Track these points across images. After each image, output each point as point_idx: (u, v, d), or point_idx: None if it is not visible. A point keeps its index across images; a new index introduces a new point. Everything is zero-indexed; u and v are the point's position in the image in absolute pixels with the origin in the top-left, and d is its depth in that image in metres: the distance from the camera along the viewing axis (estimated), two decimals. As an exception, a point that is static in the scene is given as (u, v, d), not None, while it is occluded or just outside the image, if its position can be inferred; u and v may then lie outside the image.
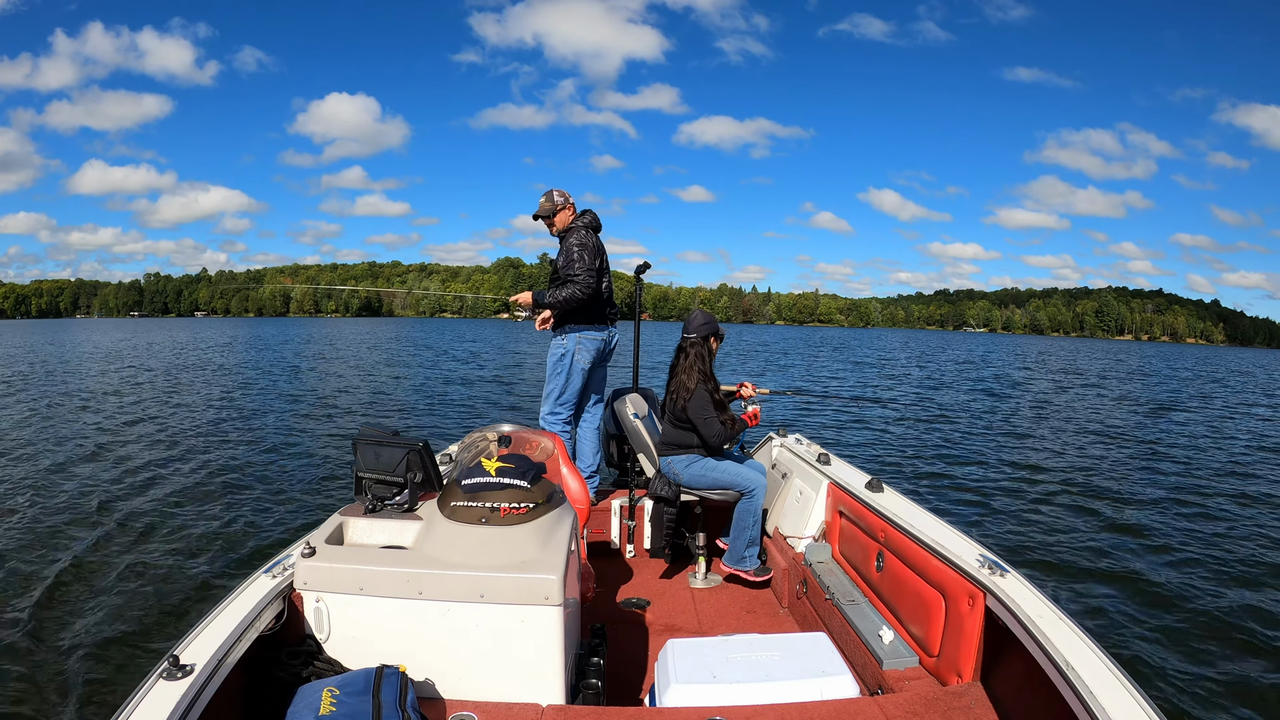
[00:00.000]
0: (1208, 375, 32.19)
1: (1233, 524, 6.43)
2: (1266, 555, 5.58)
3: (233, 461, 8.40)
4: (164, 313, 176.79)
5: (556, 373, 3.81)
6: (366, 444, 2.24)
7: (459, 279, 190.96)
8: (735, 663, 2.07)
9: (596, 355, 3.84)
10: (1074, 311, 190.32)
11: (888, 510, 2.73)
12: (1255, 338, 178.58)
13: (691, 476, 3.42)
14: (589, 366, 3.83)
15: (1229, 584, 4.93)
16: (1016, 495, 7.35)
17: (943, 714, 1.92)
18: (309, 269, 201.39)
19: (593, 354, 3.81)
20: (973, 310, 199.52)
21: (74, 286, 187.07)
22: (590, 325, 3.79)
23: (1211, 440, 11.32)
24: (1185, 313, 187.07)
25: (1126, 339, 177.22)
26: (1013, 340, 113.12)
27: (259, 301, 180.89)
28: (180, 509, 6.33)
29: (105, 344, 37.07)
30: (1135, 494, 7.52)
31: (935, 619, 2.26)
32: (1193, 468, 8.99)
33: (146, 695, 1.52)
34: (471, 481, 2.08)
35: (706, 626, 3.11)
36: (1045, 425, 12.37)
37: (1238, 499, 7.37)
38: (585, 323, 3.79)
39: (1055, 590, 4.57)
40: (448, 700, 1.90)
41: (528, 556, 1.96)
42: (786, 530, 3.47)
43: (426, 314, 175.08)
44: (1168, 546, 5.72)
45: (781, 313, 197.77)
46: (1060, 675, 1.66)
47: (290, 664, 1.91)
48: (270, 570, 2.06)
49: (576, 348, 3.78)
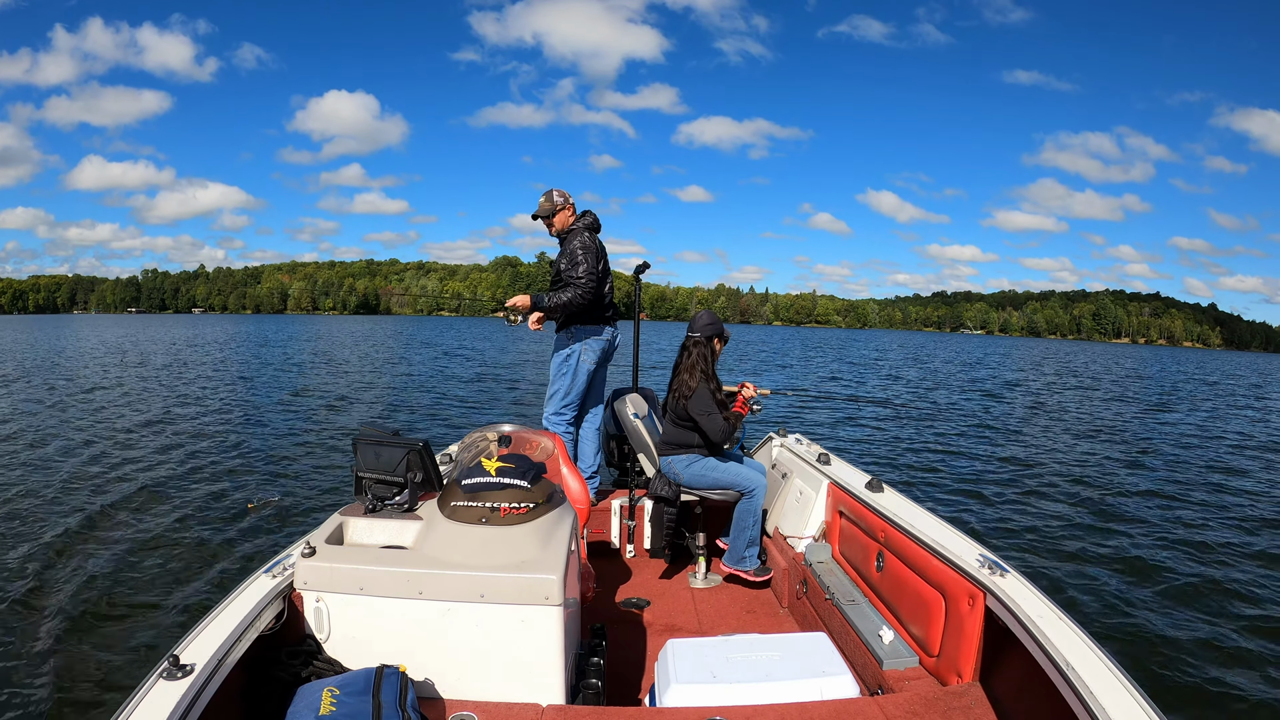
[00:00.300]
0: (1200, 379, 32.22)
1: (1233, 525, 6.43)
2: (1269, 555, 5.58)
3: (233, 461, 8.40)
4: (161, 309, 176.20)
5: (562, 373, 3.81)
6: (366, 444, 2.24)
7: (457, 277, 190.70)
8: (735, 663, 2.07)
9: (601, 356, 3.84)
10: (1071, 314, 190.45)
11: (888, 510, 2.73)
12: (1252, 342, 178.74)
13: (692, 476, 3.42)
14: (594, 367, 3.83)
15: (1230, 584, 4.93)
16: (1016, 495, 7.36)
17: (943, 714, 1.92)
18: (307, 266, 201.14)
19: (597, 354, 3.82)
20: (970, 312, 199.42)
21: (71, 282, 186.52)
22: (594, 326, 3.80)
23: (1212, 443, 11.34)
24: (1182, 316, 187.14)
25: (1123, 342, 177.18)
26: (1010, 343, 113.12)
27: (256, 298, 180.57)
28: (180, 509, 6.33)
29: (104, 341, 37.03)
30: (1135, 494, 7.52)
31: (935, 619, 2.26)
32: (1192, 470, 9.00)
33: (146, 695, 1.52)
34: (472, 481, 2.08)
35: (706, 626, 3.11)
36: (1045, 426, 12.38)
37: (1239, 500, 7.37)
38: (590, 323, 3.79)
39: (1055, 590, 4.57)
40: (448, 700, 1.90)
41: (528, 556, 1.95)
42: (786, 530, 3.47)
43: (424, 312, 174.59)
44: (1168, 547, 5.72)
45: (779, 313, 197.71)
46: (1060, 675, 1.66)
47: (290, 664, 1.91)
48: (270, 570, 2.06)
49: (582, 349, 3.78)
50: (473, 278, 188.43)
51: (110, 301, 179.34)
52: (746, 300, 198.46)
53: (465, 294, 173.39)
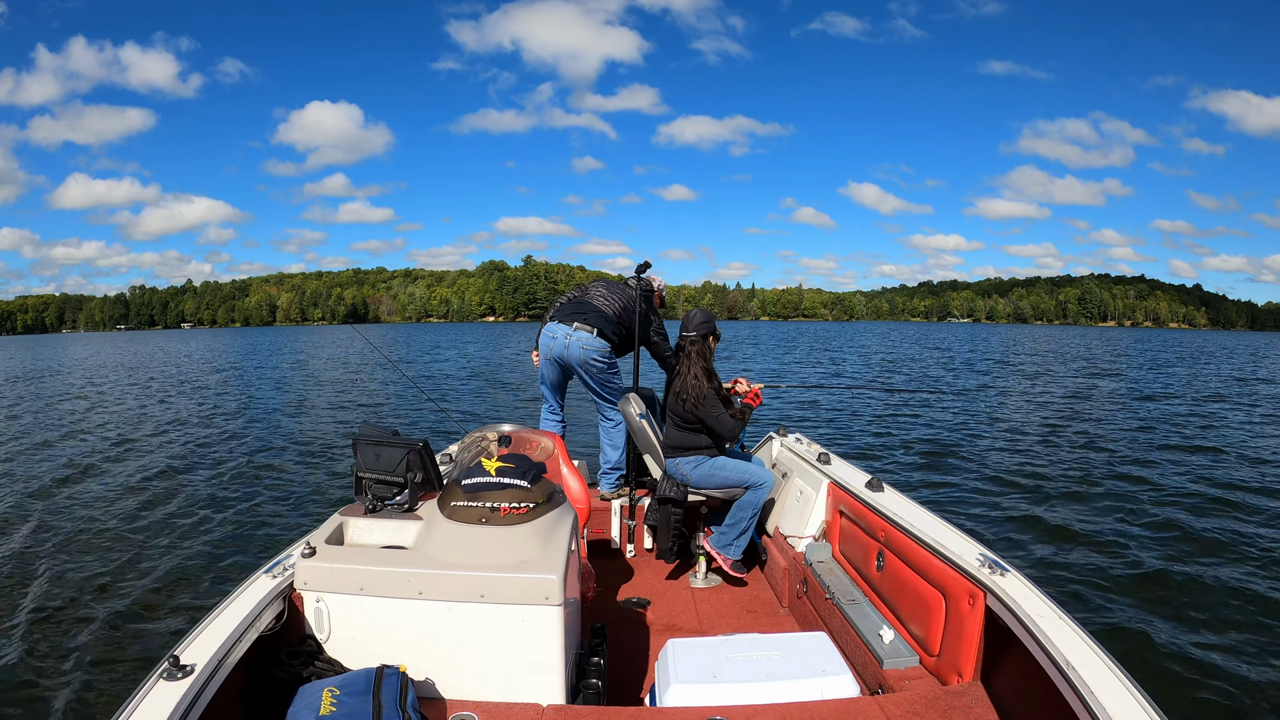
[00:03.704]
0: (1202, 359, 32.15)
1: (1236, 524, 6.42)
2: (1271, 554, 5.57)
3: (233, 462, 8.40)
4: (150, 325, 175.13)
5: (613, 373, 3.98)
6: (366, 444, 2.24)
7: (444, 283, 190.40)
8: (735, 662, 2.07)
9: (544, 352, 4.01)
10: (1057, 299, 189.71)
11: (888, 510, 2.73)
12: (1238, 321, 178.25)
13: (700, 477, 3.42)
14: (542, 364, 4.04)
15: (1231, 583, 4.93)
16: (1017, 494, 7.35)
17: (943, 713, 1.92)
18: (294, 277, 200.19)
19: (543, 352, 4.02)
20: (957, 301, 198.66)
21: (59, 301, 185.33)
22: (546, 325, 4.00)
23: (1213, 437, 11.33)
24: (1167, 298, 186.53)
25: (1110, 325, 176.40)
26: (996, 329, 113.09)
27: (245, 311, 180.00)
28: (180, 510, 6.33)
29: (96, 357, 37.04)
30: (1136, 493, 7.51)
31: (935, 618, 2.26)
32: (1193, 466, 8.99)
33: (146, 695, 1.52)
34: (472, 481, 2.08)
35: (707, 626, 3.11)
36: (1045, 425, 12.37)
37: (1242, 499, 7.36)
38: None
39: (1055, 590, 4.56)
40: (448, 700, 1.90)
41: (528, 556, 1.95)
42: (787, 530, 3.46)
43: (413, 319, 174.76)
44: (1169, 546, 5.72)
45: (766, 308, 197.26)
46: (1060, 675, 1.66)
47: (290, 664, 1.91)
48: (270, 570, 2.06)
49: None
50: (460, 283, 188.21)
51: (99, 319, 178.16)
52: (733, 297, 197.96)
53: (453, 300, 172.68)
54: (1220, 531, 6.15)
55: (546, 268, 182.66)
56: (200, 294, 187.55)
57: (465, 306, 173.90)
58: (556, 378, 4.01)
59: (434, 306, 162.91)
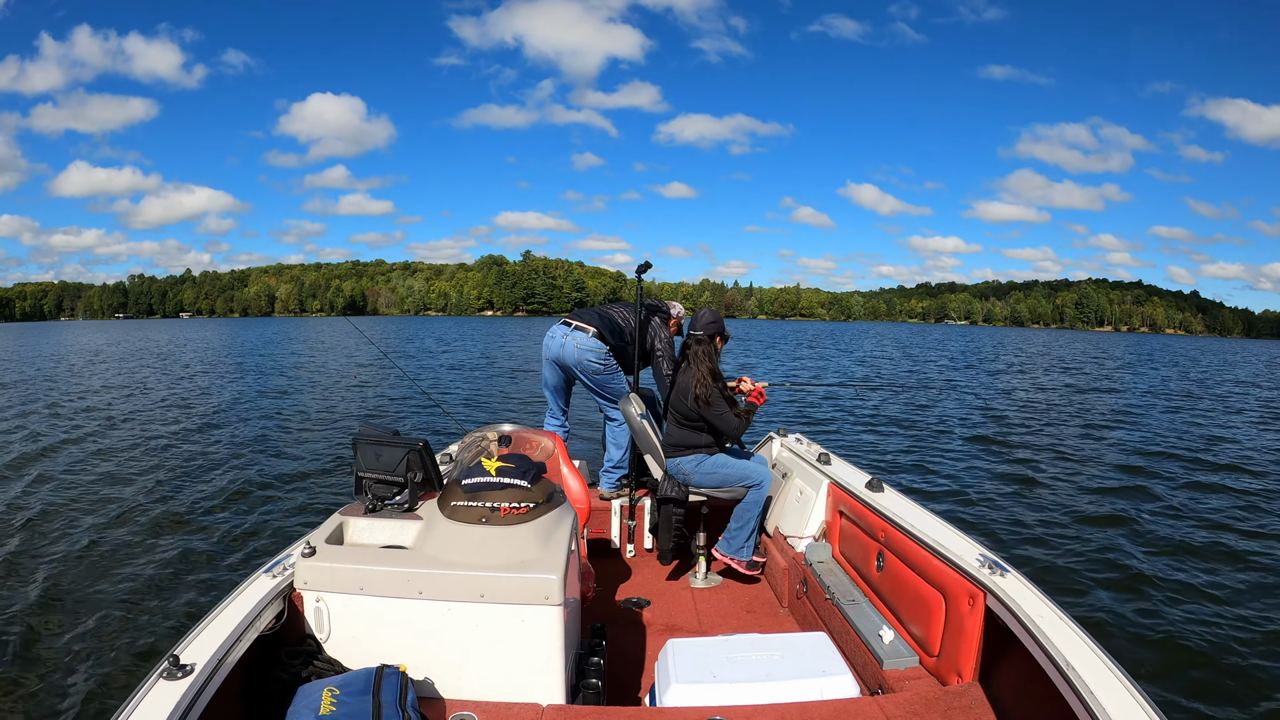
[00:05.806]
0: (1201, 364, 32.19)
1: (1237, 524, 6.43)
2: (1270, 554, 5.57)
3: (233, 461, 8.40)
4: (149, 314, 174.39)
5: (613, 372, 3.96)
6: (366, 444, 2.24)
7: (443, 277, 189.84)
8: (735, 663, 2.07)
9: (546, 354, 4.01)
10: (1054, 303, 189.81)
11: (888, 510, 2.73)
12: (1234, 328, 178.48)
13: (702, 476, 3.43)
14: (543, 364, 4.05)
15: (1231, 583, 4.93)
16: (1017, 495, 7.36)
17: (943, 714, 1.92)
18: (293, 268, 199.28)
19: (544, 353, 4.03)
20: (954, 303, 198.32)
21: (58, 289, 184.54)
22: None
23: (1215, 437, 11.33)
24: (1164, 304, 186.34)
25: (1106, 330, 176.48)
26: (993, 332, 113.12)
27: (244, 301, 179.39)
28: (180, 509, 6.33)
29: (94, 346, 37.00)
30: (1137, 493, 7.52)
31: (935, 619, 2.26)
32: (1193, 467, 8.99)
33: (146, 695, 1.52)
34: (472, 481, 2.08)
35: (706, 626, 3.11)
36: (1045, 425, 12.37)
37: (1243, 499, 7.36)
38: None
39: (1055, 590, 4.56)
40: (448, 700, 1.90)
41: (528, 556, 1.96)
42: (787, 530, 3.47)
43: (411, 312, 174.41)
44: (1170, 546, 5.72)
45: (764, 307, 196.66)
46: (1060, 675, 1.66)
47: (290, 664, 1.91)
48: (270, 570, 2.06)
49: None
50: (458, 277, 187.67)
51: (97, 307, 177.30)
52: (732, 295, 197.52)
53: (451, 294, 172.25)
54: (1220, 532, 6.15)
55: (545, 263, 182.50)
56: (199, 284, 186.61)
57: (463, 300, 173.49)
58: (557, 380, 4.00)
59: (432, 300, 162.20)
